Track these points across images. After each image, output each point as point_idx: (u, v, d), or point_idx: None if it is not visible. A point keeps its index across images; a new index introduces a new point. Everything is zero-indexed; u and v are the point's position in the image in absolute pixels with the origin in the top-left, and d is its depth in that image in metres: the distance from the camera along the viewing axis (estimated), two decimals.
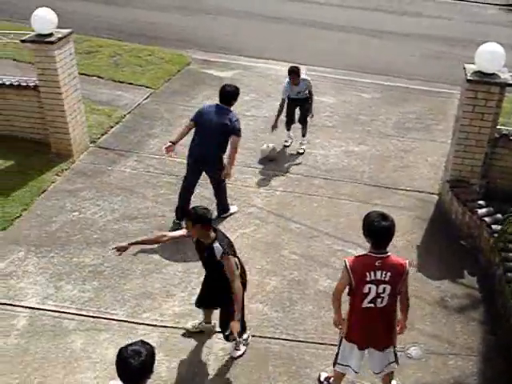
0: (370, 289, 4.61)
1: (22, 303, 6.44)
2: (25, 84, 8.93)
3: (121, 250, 5.65)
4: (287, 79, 8.96)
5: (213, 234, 5.28)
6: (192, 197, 7.62)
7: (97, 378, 5.62)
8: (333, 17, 15.69)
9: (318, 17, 15.59)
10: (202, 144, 7.21)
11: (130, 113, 10.38)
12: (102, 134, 9.61)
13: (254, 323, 6.18)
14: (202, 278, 5.88)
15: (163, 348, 5.90)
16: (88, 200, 8.05)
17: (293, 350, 5.94)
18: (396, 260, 4.64)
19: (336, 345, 5.16)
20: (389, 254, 4.61)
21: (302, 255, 7.16)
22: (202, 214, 5.17)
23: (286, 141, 9.60)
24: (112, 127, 9.85)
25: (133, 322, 6.22)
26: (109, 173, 8.65)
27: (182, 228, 7.04)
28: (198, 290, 6.03)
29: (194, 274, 6.73)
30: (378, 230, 4.51)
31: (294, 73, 8.86)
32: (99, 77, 11.60)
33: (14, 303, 6.44)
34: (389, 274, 4.57)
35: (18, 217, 7.71)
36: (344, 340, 4.97)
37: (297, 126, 9.48)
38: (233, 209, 7.86)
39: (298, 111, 9.40)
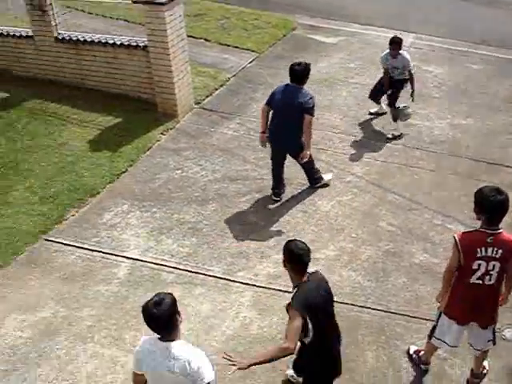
0: (479, 265, 4.51)
1: (124, 254, 6.77)
2: (135, 44, 9.21)
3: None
4: (387, 50, 8.55)
5: (304, 278, 4.40)
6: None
7: (191, 330, 5.82)
8: None
9: None
10: (278, 126, 7.09)
11: (234, 76, 10.49)
12: (207, 96, 9.78)
13: (346, 291, 6.20)
14: None
15: (255, 307, 6.04)
16: (190, 159, 8.27)
17: (383, 321, 5.91)
18: (508, 237, 4.49)
19: (428, 319, 5.09)
20: (501, 230, 4.48)
21: (399, 227, 7.05)
22: (297, 254, 4.33)
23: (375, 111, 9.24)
24: (216, 89, 10.01)
25: (227, 279, 6.39)
26: (211, 134, 8.83)
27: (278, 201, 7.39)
28: None
29: (290, 237, 6.79)
30: (493, 204, 4.37)
31: (395, 43, 8.40)
32: (206, 39, 11.76)
33: (116, 253, 6.78)
34: (500, 251, 4.45)
35: (124, 172, 8.06)
36: (443, 315, 4.90)
37: None
38: (327, 177, 7.70)
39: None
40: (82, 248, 6.84)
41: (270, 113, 7.18)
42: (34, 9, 9.60)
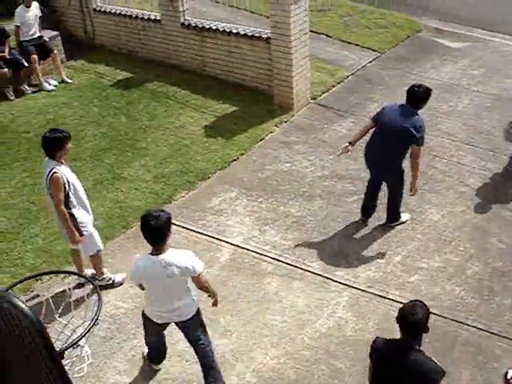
0: None
1: (228, 239, 6.91)
2: (258, 35, 9.32)
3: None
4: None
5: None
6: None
7: (284, 323, 5.87)
8: None
9: None
10: (378, 147, 6.50)
11: (353, 74, 10.39)
12: (323, 92, 9.76)
13: (446, 304, 6.01)
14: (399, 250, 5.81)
15: (352, 309, 5.99)
16: (301, 154, 8.30)
17: (483, 341, 5.68)
18: None
19: None
20: None
21: (510, 246, 6.74)
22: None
23: None
24: (334, 86, 9.96)
25: (326, 277, 6.37)
26: (325, 130, 8.81)
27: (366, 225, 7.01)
28: (395, 258, 5.98)
29: (394, 243, 6.69)
30: None
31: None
32: (328, 35, 11.71)
33: (220, 238, 6.94)
34: None
35: (235, 160, 8.22)
36: None
37: None
38: (404, 217, 7.04)
39: None
40: (188, 229, 7.05)
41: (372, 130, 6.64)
42: None
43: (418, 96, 6.38)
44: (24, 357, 1.95)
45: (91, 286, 4.76)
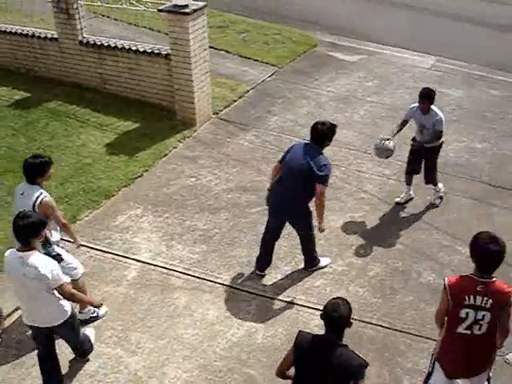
0: (467, 314, 4.21)
1: (135, 256, 6.87)
2: (157, 52, 9.36)
3: None
4: (416, 104, 7.34)
5: None
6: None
7: (195, 336, 5.90)
8: (466, 9, 15.08)
9: (449, 8, 15.04)
10: (282, 187, 6.15)
11: (253, 88, 10.61)
12: (225, 107, 9.91)
13: (352, 305, 6.18)
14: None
15: (260, 316, 6.10)
16: (205, 168, 8.37)
17: (388, 338, 5.93)
18: (501, 287, 4.17)
19: (433, 339, 5.09)
20: (494, 279, 4.17)
21: (408, 246, 7.09)
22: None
23: (400, 197, 7.81)
24: (235, 101, 10.13)
25: (235, 288, 6.46)
26: (227, 144, 8.94)
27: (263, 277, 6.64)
28: (301, 265, 6.13)
29: (299, 250, 6.86)
30: (487, 253, 4.09)
31: (426, 97, 7.12)
32: (227, 51, 11.91)
33: (127, 255, 6.88)
34: (490, 301, 4.13)
35: (140, 176, 8.19)
36: (436, 362, 4.61)
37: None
38: (324, 261, 6.73)
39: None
40: (94, 249, 6.94)
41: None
42: (61, 12, 9.79)
43: (322, 133, 6.05)
44: None
45: None
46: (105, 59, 9.86)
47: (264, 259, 6.61)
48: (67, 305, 5.09)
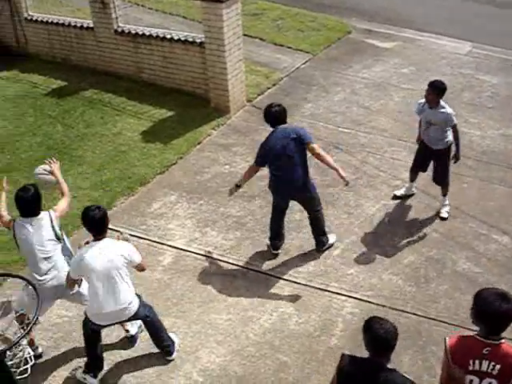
0: (471, 381, 3.74)
1: (170, 242, 6.95)
2: (191, 40, 9.39)
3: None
4: (422, 100, 6.86)
5: None
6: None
7: (229, 321, 5.95)
8: None
9: None
10: (287, 173, 6.25)
11: (287, 76, 10.57)
12: (259, 95, 9.90)
13: (385, 293, 6.21)
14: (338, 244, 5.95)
15: (293, 303, 6.12)
16: (239, 155, 8.40)
17: (421, 326, 5.90)
18: (509, 350, 3.68)
19: (467, 328, 5.03)
20: (502, 341, 3.70)
21: (444, 234, 7.01)
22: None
23: (402, 189, 7.59)
24: (269, 88, 10.12)
25: (268, 274, 6.49)
26: (261, 132, 8.89)
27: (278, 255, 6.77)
28: (334, 252, 6.11)
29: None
30: (495, 313, 3.60)
31: (436, 88, 6.58)
32: (261, 39, 11.88)
33: (162, 241, 6.96)
34: (498, 366, 3.65)
35: (174, 164, 8.26)
36: None
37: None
38: (331, 238, 6.84)
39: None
40: (129, 235, 7.01)
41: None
42: (96, 1, 9.90)
43: (279, 113, 6.31)
44: None
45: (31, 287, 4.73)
46: (140, 48, 9.94)
47: (277, 235, 6.72)
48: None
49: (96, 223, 5.06)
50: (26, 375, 4.39)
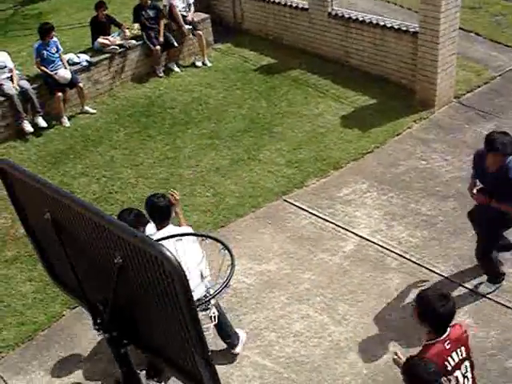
0: (457, 378, 3.95)
1: (354, 230, 6.93)
2: (405, 28, 9.18)
3: None
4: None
5: None
6: None
7: (403, 320, 5.81)
8: None
9: None
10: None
11: (500, 75, 9.93)
12: (467, 92, 9.43)
13: None
14: None
15: (473, 315, 5.81)
16: (438, 152, 8.11)
17: None
18: (457, 331, 4.00)
19: None
20: (448, 328, 3.95)
21: None
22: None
23: None
24: (479, 86, 9.59)
25: (451, 280, 6.22)
26: (465, 131, 8.54)
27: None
28: None
29: None
30: (445, 313, 3.88)
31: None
32: (477, 34, 11.26)
33: (347, 228, 6.97)
34: (462, 348, 3.99)
35: (370, 152, 8.20)
36: None
37: None
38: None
39: None
40: (316, 215, 7.15)
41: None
42: None
43: None
44: (163, 297, 2.14)
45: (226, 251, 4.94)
46: (351, 32, 9.92)
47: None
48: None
49: (160, 210, 4.99)
50: (207, 333, 4.65)
